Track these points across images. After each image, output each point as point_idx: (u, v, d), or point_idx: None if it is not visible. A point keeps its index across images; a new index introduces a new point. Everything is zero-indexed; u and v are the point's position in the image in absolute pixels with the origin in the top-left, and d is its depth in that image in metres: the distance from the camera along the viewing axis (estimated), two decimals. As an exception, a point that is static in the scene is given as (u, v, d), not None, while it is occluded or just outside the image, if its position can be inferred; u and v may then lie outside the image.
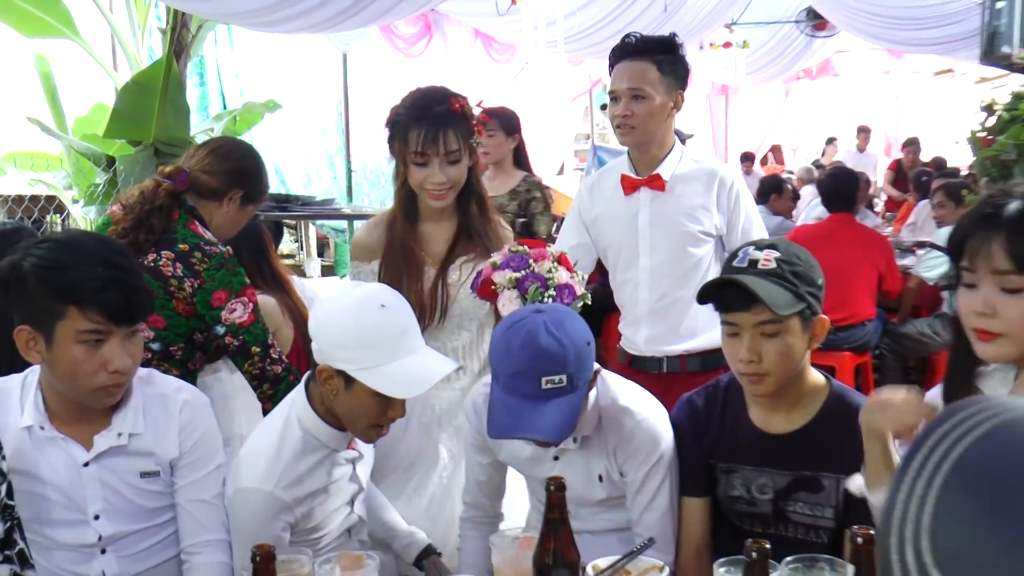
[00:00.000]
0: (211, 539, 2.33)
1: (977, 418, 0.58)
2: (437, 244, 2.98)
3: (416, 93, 2.95)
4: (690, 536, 2.49)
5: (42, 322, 2.09)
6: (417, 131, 2.83)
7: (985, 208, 1.93)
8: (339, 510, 2.47)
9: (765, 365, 2.28)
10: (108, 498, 2.25)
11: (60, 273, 2.07)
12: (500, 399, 2.27)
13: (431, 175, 2.85)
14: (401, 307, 2.35)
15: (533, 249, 2.68)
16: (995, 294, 1.87)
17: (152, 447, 2.29)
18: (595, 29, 9.64)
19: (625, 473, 2.49)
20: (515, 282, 2.60)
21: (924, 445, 0.58)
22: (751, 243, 2.41)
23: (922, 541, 0.54)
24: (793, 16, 12.26)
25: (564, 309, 2.37)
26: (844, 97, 18.52)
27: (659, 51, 3.28)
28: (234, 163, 3.26)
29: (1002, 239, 1.85)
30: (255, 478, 2.30)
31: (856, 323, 6.01)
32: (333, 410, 2.35)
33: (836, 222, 6.36)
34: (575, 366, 2.24)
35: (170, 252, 3.03)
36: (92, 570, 2.24)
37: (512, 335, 2.25)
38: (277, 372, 3.14)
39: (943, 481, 0.55)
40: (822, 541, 2.34)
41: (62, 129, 7.32)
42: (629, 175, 3.41)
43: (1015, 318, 1.86)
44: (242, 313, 3.10)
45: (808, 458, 2.36)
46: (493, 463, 2.64)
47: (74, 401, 2.21)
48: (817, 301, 2.32)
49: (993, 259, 1.86)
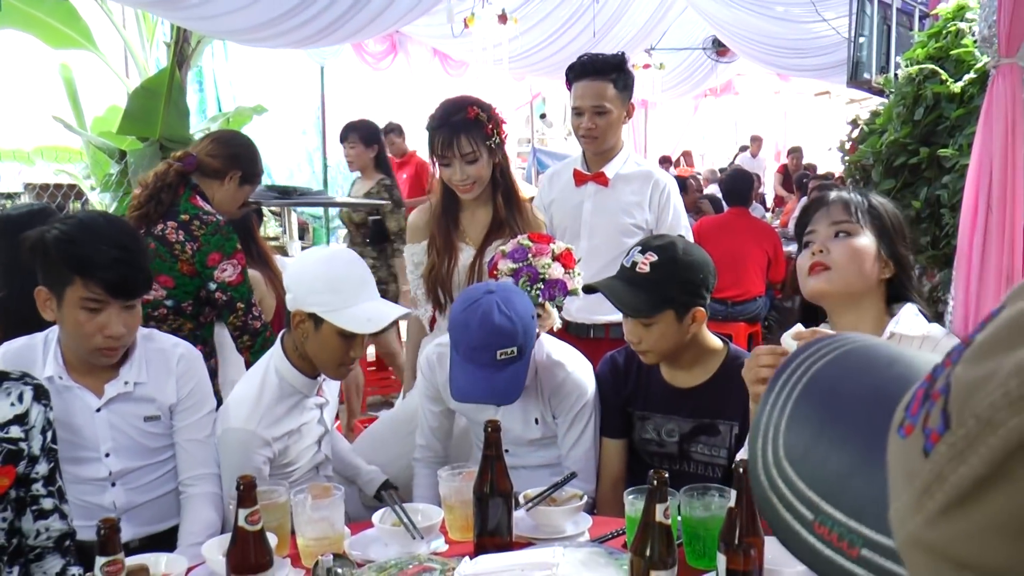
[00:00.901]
0: (204, 472, 2.31)
1: (831, 346, 0.62)
2: (476, 228, 2.95)
3: (443, 103, 2.93)
4: (608, 471, 2.50)
5: (55, 285, 2.10)
6: (438, 137, 2.83)
7: (819, 198, 2.08)
8: (308, 448, 2.45)
9: (644, 345, 2.34)
10: (117, 438, 2.23)
11: (74, 247, 2.08)
12: (460, 367, 2.28)
13: (453, 173, 2.84)
14: (360, 264, 2.38)
15: (536, 244, 2.63)
16: (829, 239, 1.98)
17: (154, 394, 2.27)
18: (535, 51, 9.62)
19: (556, 415, 2.49)
20: (511, 271, 2.58)
21: (788, 368, 0.61)
22: (643, 241, 2.41)
23: (779, 440, 0.57)
24: (701, 44, 12.32)
25: (512, 288, 2.36)
26: (742, 112, 18.66)
27: (614, 70, 3.25)
28: (233, 149, 3.31)
29: (837, 202, 2.01)
30: (240, 419, 2.28)
31: (749, 299, 6.07)
32: (305, 354, 2.34)
33: (734, 215, 6.41)
34: (523, 338, 2.25)
35: (174, 222, 3.08)
36: (104, 500, 2.22)
37: (470, 314, 2.24)
38: (256, 327, 3.17)
39: (797, 394, 0.59)
40: (717, 476, 2.36)
41: (82, 127, 7.23)
42: (580, 170, 3.39)
43: (842, 253, 1.96)
44: (232, 273, 3.11)
45: (707, 408, 2.39)
46: (444, 411, 2.62)
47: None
48: (693, 297, 2.32)
49: (831, 213, 2.00)
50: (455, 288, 2.87)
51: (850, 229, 1.97)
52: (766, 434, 0.58)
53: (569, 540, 2.00)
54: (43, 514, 1.93)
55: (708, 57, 12.71)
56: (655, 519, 1.58)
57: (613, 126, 3.29)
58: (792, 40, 9.91)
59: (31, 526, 1.92)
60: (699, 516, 1.86)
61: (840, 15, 7.92)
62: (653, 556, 1.58)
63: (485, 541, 1.93)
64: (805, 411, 0.57)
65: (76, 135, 7.04)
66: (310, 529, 1.95)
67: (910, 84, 3.34)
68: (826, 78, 11.49)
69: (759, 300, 6.18)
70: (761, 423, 0.59)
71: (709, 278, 2.35)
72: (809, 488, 0.52)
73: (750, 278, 6.07)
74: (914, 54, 3.44)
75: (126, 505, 2.25)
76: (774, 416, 0.58)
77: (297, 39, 6.43)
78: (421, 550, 1.94)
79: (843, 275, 1.94)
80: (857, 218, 1.97)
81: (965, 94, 3.11)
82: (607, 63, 3.27)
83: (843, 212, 1.98)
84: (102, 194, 6.50)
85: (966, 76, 3.11)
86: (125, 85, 7.45)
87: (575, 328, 3.31)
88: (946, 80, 3.15)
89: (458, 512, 2.07)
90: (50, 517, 1.94)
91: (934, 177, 3.23)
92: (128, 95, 6.44)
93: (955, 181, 3.04)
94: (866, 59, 5.51)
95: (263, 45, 6.94)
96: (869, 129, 3.71)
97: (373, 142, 5.68)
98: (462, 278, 2.88)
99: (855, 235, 1.96)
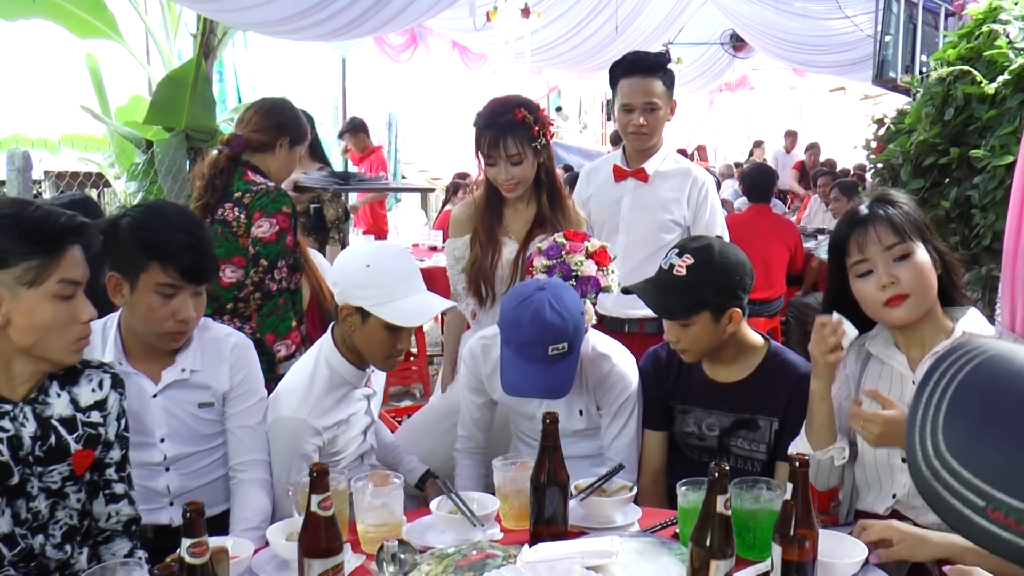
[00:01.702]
0: (254, 459, 2.36)
1: (971, 354, 0.68)
2: (518, 224, 2.99)
3: (491, 103, 2.97)
4: (649, 462, 2.55)
5: (129, 271, 2.15)
6: (485, 138, 2.88)
7: (853, 214, 2.08)
8: (355, 438, 2.49)
9: (682, 345, 2.39)
10: (172, 424, 2.29)
11: (150, 233, 2.14)
12: (511, 362, 2.32)
13: (498, 173, 2.89)
14: (406, 257, 2.42)
15: (570, 241, 2.66)
16: (891, 266, 1.99)
17: (208, 381, 2.32)
18: (556, 44, 9.66)
19: (601, 407, 2.54)
20: (546, 268, 2.62)
21: (934, 375, 0.69)
22: (680, 244, 2.44)
23: (938, 435, 0.64)
24: (719, 38, 12.32)
25: (562, 285, 2.40)
26: (757, 107, 18.65)
27: (660, 68, 3.30)
28: (276, 119, 3.39)
29: (880, 222, 2.01)
30: (291, 408, 2.33)
31: (774, 297, 6.11)
32: (353, 345, 2.38)
33: (755, 212, 6.41)
34: (573, 335, 2.30)
35: (229, 203, 3.21)
36: (159, 484, 2.28)
37: (522, 310, 2.29)
38: (271, 289, 3.17)
39: (950, 397, 0.66)
40: (756, 471, 2.40)
41: (107, 115, 7.25)
42: (620, 166, 3.43)
43: (912, 277, 1.98)
44: (267, 230, 3.15)
45: (748, 403, 2.43)
46: (487, 402, 2.68)
47: (147, 342, 2.25)
48: (729, 299, 2.35)
49: (881, 238, 2.00)
50: (498, 282, 2.91)
51: (905, 249, 1.99)
52: (923, 429, 0.64)
53: (620, 530, 2.05)
54: (115, 498, 1.99)
55: (725, 51, 12.70)
56: (716, 510, 1.62)
57: (661, 122, 3.34)
58: (811, 36, 9.94)
59: (102, 509, 1.98)
60: (749, 508, 1.91)
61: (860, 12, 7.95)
62: (713, 546, 1.62)
63: (541, 529, 1.97)
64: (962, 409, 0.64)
65: (101, 123, 7.08)
66: (370, 516, 2.00)
67: (940, 84, 3.38)
68: (844, 74, 11.52)
69: (782, 297, 6.23)
70: (916, 420, 0.65)
71: (746, 279, 2.39)
72: (976, 477, 0.58)
73: (776, 278, 6.11)
74: (944, 54, 3.47)
75: (179, 490, 2.30)
76: (929, 413, 0.65)
77: (322, 32, 6.49)
78: (479, 537, 1.99)
79: (922, 298, 1.98)
80: (906, 234, 1.99)
81: (998, 95, 3.15)
82: (656, 61, 3.31)
83: (892, 233, 1.99)
84: (128, 183, 6.54)
85: (1000, 77, 3.14)
86: (148, 75, 7.50)
87: (609, 322, 3.36)
88: (980, 81, 3.18)
89: (512, 501, 2.11)
90: (121, 502, 2.00)
91: (963, 177, 3.27)
92: (152, 85, 6.47)
93: (986, 182, 3.08)
94: (891, 57, 5.54)
95: (289, 37, 6.99)
96: (896, 128, 3.74)
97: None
98: (505, 272, 2.92)
99: (913, 253, 1.99)
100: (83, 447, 1.89)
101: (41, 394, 1.86)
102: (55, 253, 1.74)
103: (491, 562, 1.78)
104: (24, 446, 1.80)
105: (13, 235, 1.71)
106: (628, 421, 2.51)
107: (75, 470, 1.88)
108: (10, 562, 1.79)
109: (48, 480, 1.84)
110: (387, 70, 10.18)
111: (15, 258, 1.71)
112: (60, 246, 1.75)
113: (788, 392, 2.36)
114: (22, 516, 1.81)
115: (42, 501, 1.84)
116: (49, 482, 1.85)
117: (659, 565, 1.81)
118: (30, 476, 1.81)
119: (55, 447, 1.85)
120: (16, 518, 1.80)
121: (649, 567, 1.80)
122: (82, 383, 1.93)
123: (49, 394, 1.88)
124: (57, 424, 1.86)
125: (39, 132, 8.09)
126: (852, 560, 1.77)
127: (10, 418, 1.79)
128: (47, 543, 1.85)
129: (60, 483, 1.86)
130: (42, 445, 1.83)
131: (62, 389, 1.90)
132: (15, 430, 1.79)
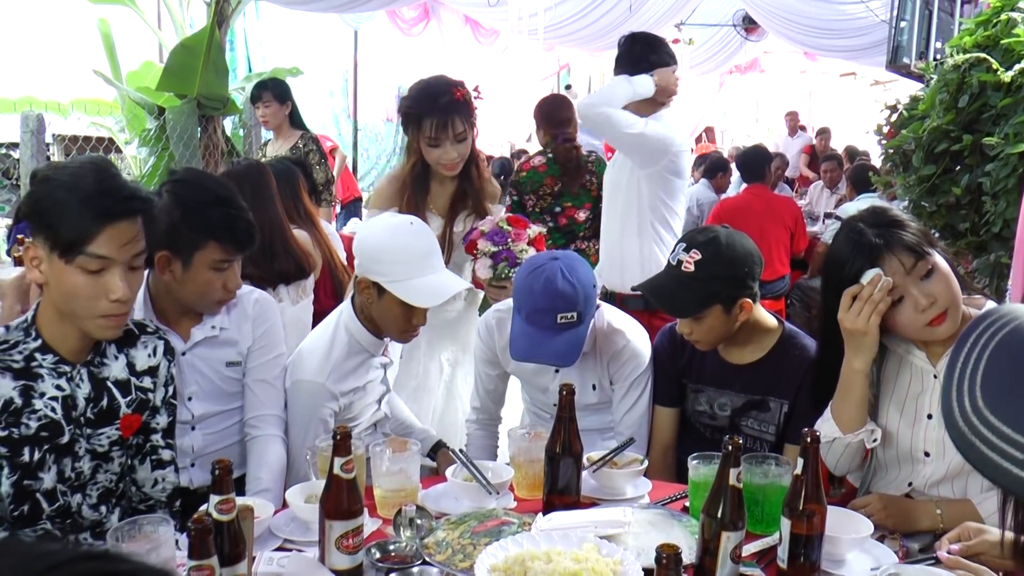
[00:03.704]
0: (268, 414, 2.38)
1: (1007, 318, 0.73)
2: (442, 199, 3.03)
3: (422, 86, 2.97)
4: (659, 437, 2.59)
5: (183, 250, 2.17)
6: (429, 121, 2.88)
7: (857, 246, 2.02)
8: (370, 405, 2.53)
9: (695, 336, 2.42)
10: (199, 382, 2.32)
11: (204, 213, 2.16)
12: (522, 329, 2.36)
13: (444, 154, 2.91)
14: (427, 234, 2.40)
15: (514, 228, 2.75)
16: (921, 286, 1.97)
17: (236, 336, 2.36)
18: (570, 22, 9.63)
19: (614, 382, 2.58)
20: (491, 253, 2.70)
21: (970, 337, 0.76)
22: (687, 238, 2.44)
23: (976, 392, 0.69)
24: (731, 20, 12.27)
25: (576, 257, 2.43)
26: (766, 91, 18.57)
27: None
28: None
29: (897, 247, 1.98)
30: (310, 371, 2.36)
31: (775, 278, 6.12)
32: (370, 316, 2.41)
33: (752, 194, 6.40)
34: (584, 305, 2.34)
35: None
36: (184, 443, 2.29)
37: (534, 278, 2.33)
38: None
39: (988, 356, 0.71)
40: (764, 451, 2.42)
41: (118, 80, 7.26)
42: None
43: (943, 291, 1.97)
44: None
45: (760, 384, 2.46)
46: (500, 374, 2.72)
47: (178, 304, 2.28)
48: (739, 289, 2.37)
49: (904, 263, 1.97)
50: None
51: (927, 266, 1.97)
52: (960, 388, 0.69)
53: (631, 502, 2.09)
54: (161, 464, 2.03)
55: (737, 33, 12.65)
56: (728, 482, 1.66)
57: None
58: (825, 20, 9.89)
59: (148, 475, 2.02)
60: (758, 483, 1.95)
61: (875, -3, 7.93)
62: (724, 518, 1.66)
63: (554, 499, 2.01)
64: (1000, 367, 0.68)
65: (111, 88, 7.08)
66: (387, 481, 2.04)
67: (955, 71, 3.39)
68: (856, 59, 11.45)
69: (785, 278, 6.24)
70: (954, 379, 0.71)
71: (755, 268, 2.40)
72: (1016, 431, 0.63)
73: (776, 258, 6.10)
74: (960, 41, 3.47)
75: (202, 449, 2.34)
76: (967, 372, 0.70)
77: (338, 3, 6.49)
78: (493, 505, 2.03)
79: (957, 305, 1.98)
80: (923, 252, 1.97)
81: (1014, 83, 3.16)
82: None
83: (912, 255, 1.97)
84: (140, 148, 6.56)
85: (1016, 66, 3.15)
86: (160, 40, 7.49)
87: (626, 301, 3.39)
88: (996, 69, 3.19)
89: (525, 470, 2.16)
90: (167, 468, 2.04)
91: (975, 164, 3.28)
92: (163, 50, 6.47)
93: (998, 169, 3.09)
94: (906, 43, 5.53)
95: (304, 8, 7.01)
96: (909, 114, 3.75)
97: (286, 99, 5.63)
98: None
99: (935, 266, 1.98)
100: (133, 411, 1.93)
101: (98, 356, 1.90)
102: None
103: (506, 529, 1.83)
104: (78, 407, 1.84)
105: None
106: (640, 396, 2.55)
107: (123, 434, 1.92)
108: (48, 516, 1.84)
109: (95, 443, 1.88)
110: (398, 43, 10.17)
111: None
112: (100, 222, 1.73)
113: (800, 375, 2.38)
114: (66, 475, 1.85)
115: (87, 462, 1.88)
116: (96, 444, 1.89)
117: (670, 536, 1.85)
118: (79, 437, 1.86)
119: (106, 409, 1.89)
120: (60, 475, 1.84)
121: (660, 537, 1.84)
122: (139, 347, 1.98)
123: (107, 356, 1.91)
124: (112, 386, 1.90)
125: (50, 95, 8.07)
126: (857, 536, 1.82)
127: (67, 378, 1.83)
128: (84, 503, 1.89)
129: (107, 447, 1.90)
130: (94, 407, 1.87)
131: (119, 351, 1.94)
132: (71, 391, 1.83)
